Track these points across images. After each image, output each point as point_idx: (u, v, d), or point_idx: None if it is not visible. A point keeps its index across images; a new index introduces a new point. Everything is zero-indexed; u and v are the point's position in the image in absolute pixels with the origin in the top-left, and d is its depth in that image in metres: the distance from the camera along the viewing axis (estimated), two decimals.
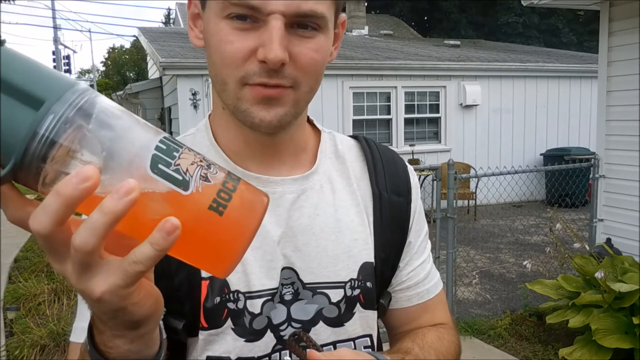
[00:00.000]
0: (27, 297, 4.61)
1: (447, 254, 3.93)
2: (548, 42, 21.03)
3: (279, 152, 0.73)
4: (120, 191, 0.36)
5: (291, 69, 0.62)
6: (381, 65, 8.76)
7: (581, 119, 10.10)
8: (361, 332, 0.74)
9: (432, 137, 9.43)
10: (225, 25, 0.62)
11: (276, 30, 0.59)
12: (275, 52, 0.59)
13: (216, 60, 0.64)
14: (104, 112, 0.39)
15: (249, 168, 0.72)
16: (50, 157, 0.37)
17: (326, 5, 0.63)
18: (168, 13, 45.15)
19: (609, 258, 3.55)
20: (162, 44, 9.12)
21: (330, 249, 0.72)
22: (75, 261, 0.38)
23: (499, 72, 9.53)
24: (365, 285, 0.73)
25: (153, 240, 0.38)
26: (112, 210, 0.36)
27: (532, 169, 4.44)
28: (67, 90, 0.38)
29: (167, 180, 0.39)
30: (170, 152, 0.41)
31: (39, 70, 0.39)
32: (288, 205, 0.72)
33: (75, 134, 0.38)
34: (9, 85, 0.37)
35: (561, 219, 3.77)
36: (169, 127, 10.04)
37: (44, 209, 0.37)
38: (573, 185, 6.24)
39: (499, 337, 3.77)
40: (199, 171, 0.41)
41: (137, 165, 0.39)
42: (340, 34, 0.73)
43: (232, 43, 0.61)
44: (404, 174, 0.82)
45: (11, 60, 0.38)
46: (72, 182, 0.36)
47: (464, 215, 8.19)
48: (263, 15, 0.60)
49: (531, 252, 5.90)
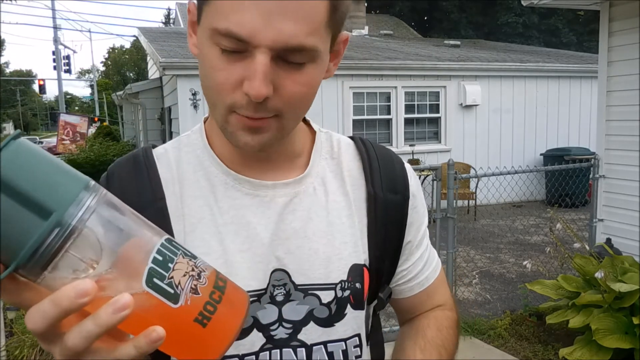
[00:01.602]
0: None
1: (447, 254, 3.93)
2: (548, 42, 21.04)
3: (273, 158, 0.75)
4: (115, 305, 0.40)
5: (275, 101, 0.62)
6: (381, 65, 8.76)
7: (581, 119, 10.10)
8: (351, 332, 0.75)
9: (432, 137, 9.43)
10: (216, 51, 0.61)
11: (260, 65, 0.58)
12: (257, 90, 0.58)
13: (206, 83, 0.65)
14: (108, 220, 0.43)
15: (242, 172, 0.73)
16: (52, 264, 0.40)
17: (318, 37, 0.60)
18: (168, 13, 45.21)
19: (609, 258, 3.55)
20: (162, 44, 9.12)
21: (321, 251, 0.73)
22: (64, 352, 0.42)
23: (499, 72, 9.53)
24: (354, 287, 0.75)
25: (137, 345, 0.42)
26: (105, 323, 0.40)
27: (532, 169, 4.44)
28: (75, 198, 0.40)
29: (159, 294, 0.43)
30: (166, 263, 0.44)
31: (49, 173, 0.40)
32: (279, 208, 0.73)
33: (80, 242, 0.41)
34: (18, 191, 0.39)
35: (561, 219, 3.77)
36: (169, 127, 10.04)
37: (39, 313, 0.40)
38: (573, 185, 6.25)
39: (499, 337, 3.77)
40: (190, 283, 0.45)
41: (136, 275, 0.43)
42: (342, 51, 0.71)
43: (220, 70, 0.61)
44: (400, 172, 0.82)
45: (24, 160, 0.40)
46: (70, 296, 0.39)
47: (464, 215, 8.19)
48: (251, 47, 0.58)
49: (531, 252, 5.90)
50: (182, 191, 0.72)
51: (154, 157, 0.75)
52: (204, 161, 0.74)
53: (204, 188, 0.73)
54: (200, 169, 0.74)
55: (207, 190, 0.73)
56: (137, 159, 0.74)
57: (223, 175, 0.73)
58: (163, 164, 0.74)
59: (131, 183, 0.71)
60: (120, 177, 0.72)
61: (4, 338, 3.99)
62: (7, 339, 3.97)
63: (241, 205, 0.72)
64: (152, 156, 0.75)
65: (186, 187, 0.73)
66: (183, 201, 0.72)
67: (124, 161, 0.75)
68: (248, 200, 0.72)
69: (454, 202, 3.87)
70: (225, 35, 0.58)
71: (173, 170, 0.74)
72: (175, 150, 0.76)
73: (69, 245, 0.40)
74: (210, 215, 0.71)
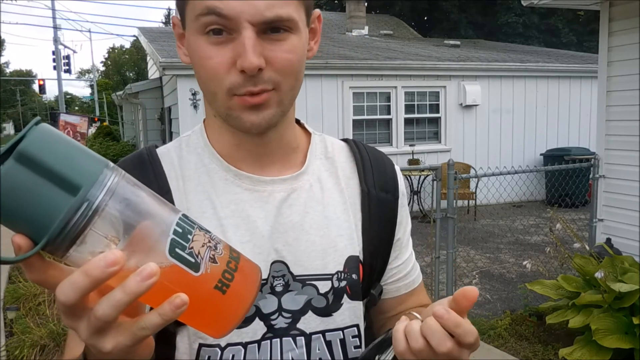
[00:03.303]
0: (27, 297, 4.62)
1: (447, 254, 3.93)
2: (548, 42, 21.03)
3: (270, 152, 0.78)
4: (142, 274, 0.42)
5: (270, 72, 0.66)
6: (381, 65, 8.77)
7: (581, 119, 10.10)
8: (349, 322, 0.78)
9: (432, 137, 9.43)
10: (203, 41, 0.66)
11: (247, 39, 0.63)
12: (250, 60, 0.63)
13: (202, 75, 0.69)
14: (129, 197, 0.45)
15: (241, 168, 0.77)
16: (80, 239, 0.42)
17: (292, 7, 0.66)
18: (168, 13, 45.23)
19: (609, 258, 3.55)
20: (162, 44, 9.12)
21: (318, 243, 0.76)
22: (92, 325, 0.43)
23: (499, 72, 9.53)
24: (351, 277, 0.78)
25: (162, 312, 0.43)
26: (134, 291, 0.42)
27: (532, 169, 4.44)
28: (99, 175, 0.43)
29: (182, 263, 0.45)
30: (185, 235, 0.47)
31: (73, 153, 0.43)
32: (277, 203, 0.76)
33: (104, 218, 0.43)
34: (46, 168, 0.41)
35: (561, 219, 3.77)
36: (169, 127, 10.04)
37: (71, 285, 0.42)
38: (573, 185, 6.25)
39: (499, 337, 3.77)
40: (208, 253, 0.47)
41: (158, 248, 0.45)
42: (318, 29, 0.77)
43: (212, 58, 0.66)
44: (391, 172, 0.87)
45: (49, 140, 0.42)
46: (100, 265, 0.41)
47: (464, 215, 8.19)
48: (235, 26, 0.64)
49: (531, 252, 5.90)
50: (185, 187, 0.76)
51: (157, 155, 0.78)
52: (204, 159, 0.78)
53: (205, 184, 0.76)
54: (201, 166, 0.77)
55: (208, 186, 0.76)
56: (142, 157, 0.77)
57: (223, 171, 0.76)
58: (166, 161, 0.78)
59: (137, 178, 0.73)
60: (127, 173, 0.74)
61: (4, 338, 3.99)
62: (7, 339, 3.97)
63: (241, 200, 0.75)
64: (156, 154, 0.78)
65: (188, 183, 0.76)
66: (187, 196, 0.75)
67: (128, 159, 0.79)
68: (247, 195, 0.76)
69: (454, 202, 3.87)
70: (208, 14, 0.64)
71: (176, 167, 0.77)
72: (177, 150, 0.80)
73: (95, 220, 0.42)
74: (212, 209, 0.74)
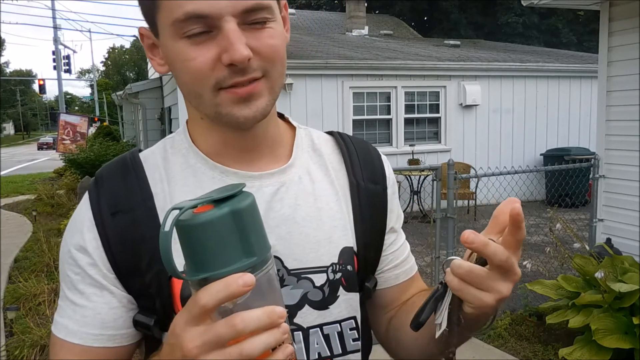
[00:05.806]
0: (27, 297, 4.62)
1: (447, 254, 3.92)
2: (548, 42, 21.03)
3: (256, 147, 0.77)
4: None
5: (257, 61, 0.66)
6: (381, 65, 8.77)
7: (581, 119, 10.10)
8: (346, 314, 0.77)
9: (432, 137, 9.43)
10: (183, 45, 0.65)
11: (232, 32, 0.63)
12: (240, 52, 0.62)
13: (185, 79, 0.67)
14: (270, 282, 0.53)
15: (228, 165, 0.75)
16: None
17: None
18: None
19: (609, 258, 3.55)
20: None
21: (312, 236, 0.75)
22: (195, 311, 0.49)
23: (499, 72, 9.53)
24: (346, 269, 0.77)
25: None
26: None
27: (532, 169, 4.44)
28: (267, 253, 0.53)
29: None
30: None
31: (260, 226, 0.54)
32: (267, 197, 0.75)
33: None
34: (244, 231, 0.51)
35: (561, 219, 3.77)
36: (169, 127, 10.04)
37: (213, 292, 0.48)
38: (573, 185, 6.24)
39: (499, 337, 3.77)
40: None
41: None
42: (287, 16, 0.76)
43: (195, 58, 0.64)
44: (378, 163, 0.86)
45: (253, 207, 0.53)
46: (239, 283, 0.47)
47: (464, 215, 8.19)
48: (215, 22, 0.63)
49: (531, 252, 5.89)
50: (171, 188, 0.74)
51: (140, 159, 0.76)
52: (189, 159, 0.76)
53: (191, 184, 0.74)
54: (186, 167, 0.76)
55: (194, 186, 0.74)
56: (125, 162, 0.76)
57: (210, 170, 0.75)
58: (150, 165, 0.76)
59: (120, 185, 0.73)
60: (110, 180, 0.74)
61: (4, 338, 4.00)
62: (7, 339, 3.98)
63: None
64: (139, 158, 0.76)
65: (174, 185, 0.74)
66: (172, 198, 0.73)
67: (112, 165, 0.77)
68: None
69: (454, 202, 3.87)
70: (188, 19, 0.63)
71: (160, 170, 0.76)
72: (162, 151, 0.78)
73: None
74: None
